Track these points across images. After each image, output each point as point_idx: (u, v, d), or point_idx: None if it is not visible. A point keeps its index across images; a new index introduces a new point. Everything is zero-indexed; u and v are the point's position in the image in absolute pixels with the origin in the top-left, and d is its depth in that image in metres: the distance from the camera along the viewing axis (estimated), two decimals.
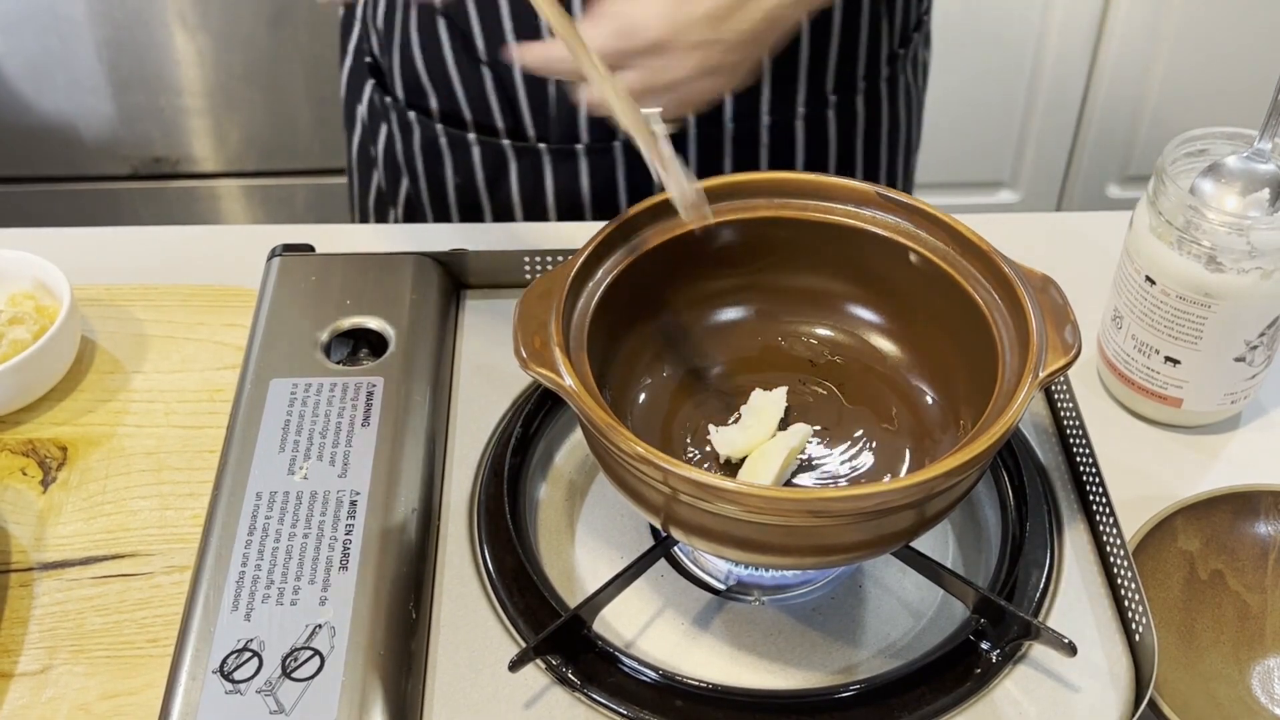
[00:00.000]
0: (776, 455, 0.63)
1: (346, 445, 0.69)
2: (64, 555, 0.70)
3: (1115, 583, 0.65)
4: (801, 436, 0.65)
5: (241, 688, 0.58)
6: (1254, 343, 0.73)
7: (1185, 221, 0.70)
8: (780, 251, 0.69)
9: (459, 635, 0.63)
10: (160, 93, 1.86)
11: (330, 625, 0.61)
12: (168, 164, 1.95)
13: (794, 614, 0.65)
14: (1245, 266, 0.69)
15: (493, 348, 0.78)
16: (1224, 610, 0.68)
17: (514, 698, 0.61)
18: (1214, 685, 0.65)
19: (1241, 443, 0.77)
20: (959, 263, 0.65)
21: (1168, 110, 1.90)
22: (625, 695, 0.60)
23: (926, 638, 0.64)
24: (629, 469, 0.57)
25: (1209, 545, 0.69)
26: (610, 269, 0.65)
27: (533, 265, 0.81)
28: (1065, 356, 0.59)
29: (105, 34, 1.79)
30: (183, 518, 0.72)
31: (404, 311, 0.77)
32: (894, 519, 0.57)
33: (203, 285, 0.85)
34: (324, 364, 0.74)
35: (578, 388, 0.57)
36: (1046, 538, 0.67)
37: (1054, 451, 0.73)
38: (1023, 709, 0.60)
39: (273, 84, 1.86)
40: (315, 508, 0.66)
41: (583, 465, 0.72)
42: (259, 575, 0.63)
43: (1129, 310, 0.75)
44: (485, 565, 0.66)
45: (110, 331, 0.82)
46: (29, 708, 0.63)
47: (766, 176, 0.68)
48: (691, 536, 0.59)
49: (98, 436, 0.76)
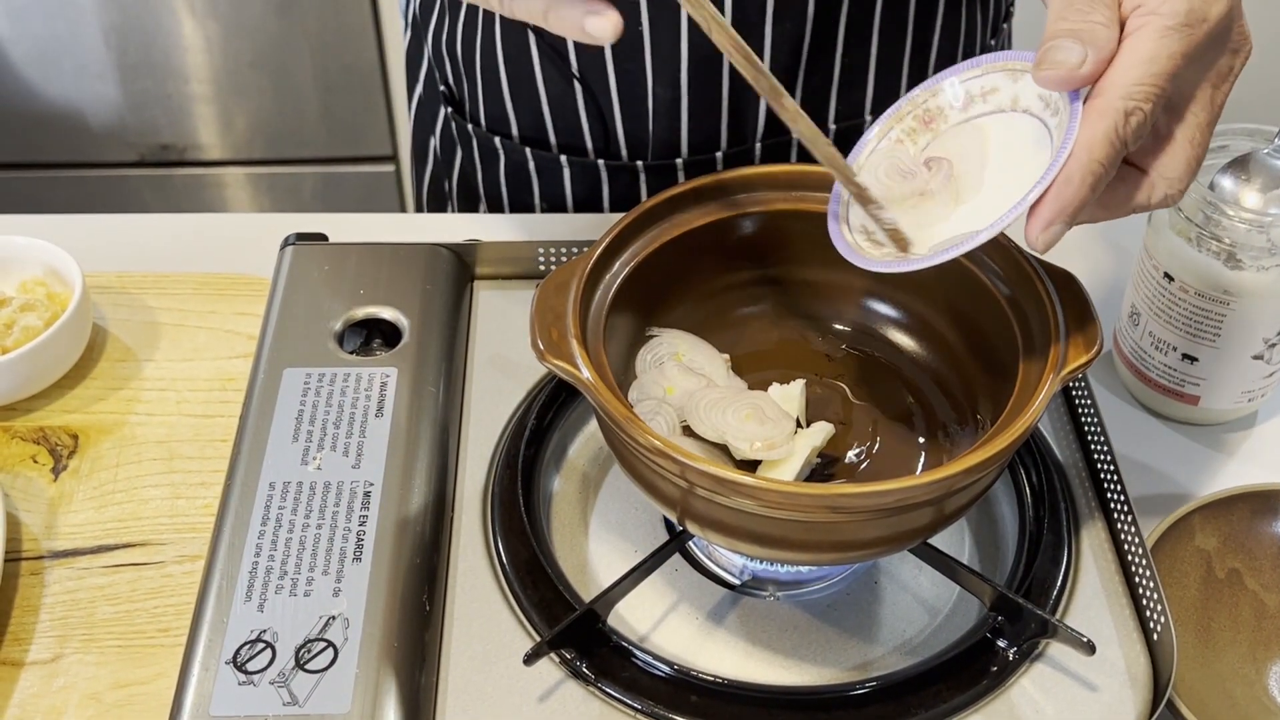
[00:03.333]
0: (797, 453, 0.63)
1: (360, 435, 0.68)
2: (75, 544, 0.69)
3: (1133, 581, 0.65)
4: (824, 435, 0.65)
5: (255, 679, 0.58)
6: (1273, 341, 0.72)
7: (1205, 218, 0.69)
8: (798, 245, 0.69)
9: (473, 628, 0.63)
10: (167, 80, 1.86)
11: (344, 617, 0.60)
12: (175, 151, 1.94)
13: (809, 610, 0.65)
14: (1265, 264, 0.68)
15: (506, 339, 0.78)
16: (1241, 609, 0.67)
17: (528, 691, 0.60)
18: (1231, 685, 0.65)
19: (1259, 441, 0.77)
20: (979, 257, 0.65)
21: None
22: (639, 690, 0.60)
23: (942, 635, 0.64)
24: (645, 462, 0.57)
25: (1226, 544, 0.69)
26: (627, 261, 0.65)
27: (547, 256, 0.81)
28: (1087, 353, 0.59)
29: (113, 20, 1.79)
30: (194, 507, 0.71)
31: (418, 301, 0.76)
32: (912, 516, 0.57)
33: (215, 273, 0.85)
34: (337, 354, 0.73)
35: (595, 380, 0.57)
36: (1064, 535, 0.67)
37: (1072, 449, 0.72)
38: (1040, 707, 0.60)
39: (280, 72, 1.86)
40: (329, 498, 0.65)
41: (597, 457, 0.72)
42: (272, 566, 0.62)
43: (1147, 307, 0.74)
44: (499, 558, 0.66)
45: (122, 319, 0.82)
46: (40, 696, 0.63)
47: (785, 169, 0.67)
48: (707, 531, 0.59)
49: (109, 424, 0.76)
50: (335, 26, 1.81)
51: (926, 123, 0.61)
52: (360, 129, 1.93)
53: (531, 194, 0.95)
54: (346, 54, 1.84)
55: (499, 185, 0.96)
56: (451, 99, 0.97)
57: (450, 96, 0.97)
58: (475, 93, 0.93)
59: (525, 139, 0.92)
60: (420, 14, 0.97)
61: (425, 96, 1.01)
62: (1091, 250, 0.89)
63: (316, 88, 1.87)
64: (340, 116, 1.91)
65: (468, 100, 0.94)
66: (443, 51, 0.95)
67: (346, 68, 1.85)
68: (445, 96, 0.97)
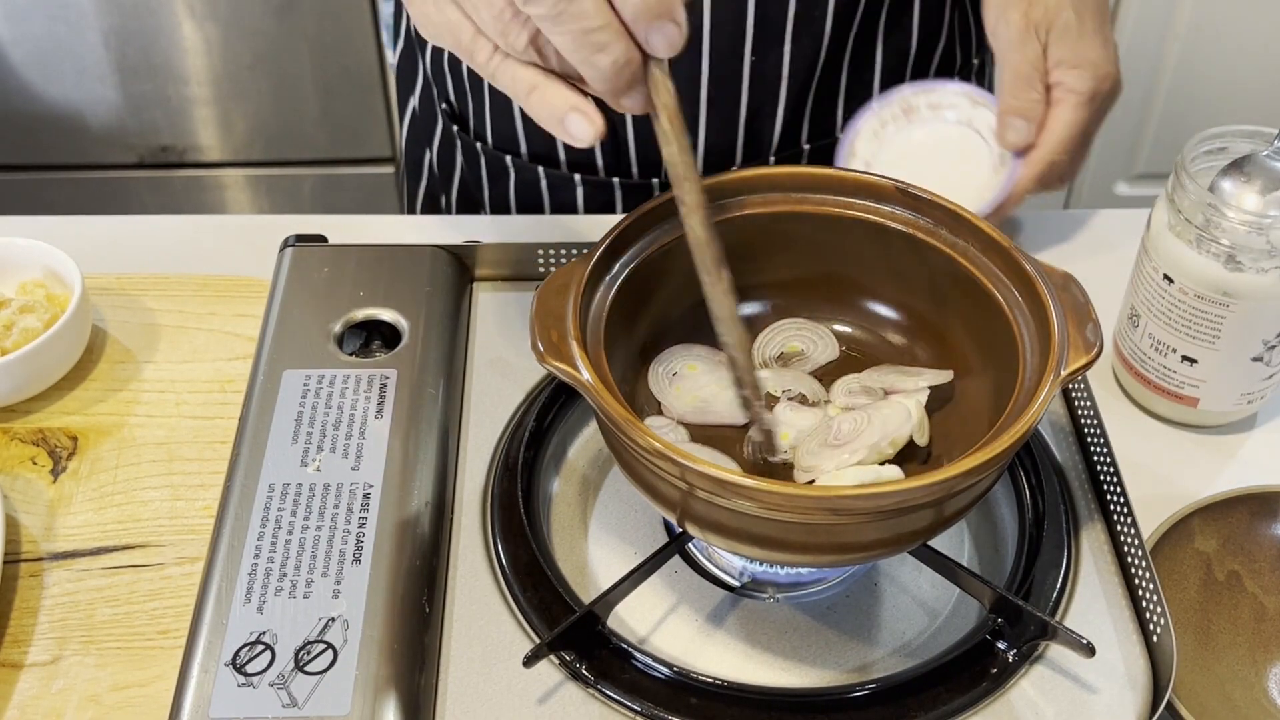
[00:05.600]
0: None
1: (360, 437, 0.68)
2: (74, 545, 0.69)
3: (1133, 583, 0.65)
4: None
5: (254, 680, 0.58)
6: (1272, 343, 0.72)
7: (1204, 220, 0.69)
8: (798, 247, 0.69)
9: (472, 629, 0.63)
10: (167, 82, 1.86)
11: (343, 618, 0.60)
12: (174, 153, 1.94)
13: (809, 612, 0.65)
14: (1265, 266, 0.68)
15: (506, 340, 0.78)
16: (1240, 612, 0.67)
17: (527, 693, 0.60)
18: (1230, 687, 0.65)
19: (1258, 443, 0.77)
20: (979, 259, 0.65)
21: (1177, 108, 1.90)
22: (639, 692, 0.60)
23: (942, 637, 0.64)
24: (645, 464, 0.57)
25: (1226, 546, 0.68)
26: (628, 263, 0.65)
27: (546, 258, 0.81)
28: (1087, 355, 0.59)
29: (113, 22, 1.79)
30: (194, 509, 0.71)
31: (417, 303, 0.76)
32: (912, 518, 0.57)
33: (214, 275, 0.85)
34: (337, 355, 0.73)
35: (595, 382, 0.57)
36: (1063, 537, 0.67)
37: (1071, 451, 0.72)
38: (1039, 709, 0.60)
39: (280, 74, 1.86)
40: (328, 500, 0.65)
41: (596, 459, 0.72)
42: (271, 568, 0.62)
43: (1146, 309, 0.74)
44: (498, 559, 0.66)
45: (121, 321, 0.82)
46: (39, 698, 0.63)
47: (785, 171, 0.68)
48: (707, 533, 0.59)
49: (108, 426, 0.76)
50: (335, 28, 1.81)
51: (907, 112, 0.82)
52: (360, 131, 1.93)
53: (543, 209, 0.95)
54: (346, 56, 1.84)
55: (507, 200, 0.96)
56: (454, 116, 0.96)
57: (452, 114, 0.96)
58: (481, 111, 0.92)
59: (535, 157, 0.92)
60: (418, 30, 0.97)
61: (421, 112, 1.00)
62: (1091, 252, 0.89)
63: (316, 89, 1.88)
64: (340, 118, 1.91)
65: (473, 118, 0.94)
66: (444, 70, 0.94)
67: (346, 70, 1.85)
68: (447, 114, 0.96)
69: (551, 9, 0.52)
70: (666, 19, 0.53)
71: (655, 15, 0.53)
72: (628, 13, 0.53)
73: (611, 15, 0.53)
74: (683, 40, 0.55)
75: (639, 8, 0.53)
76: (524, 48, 0.55)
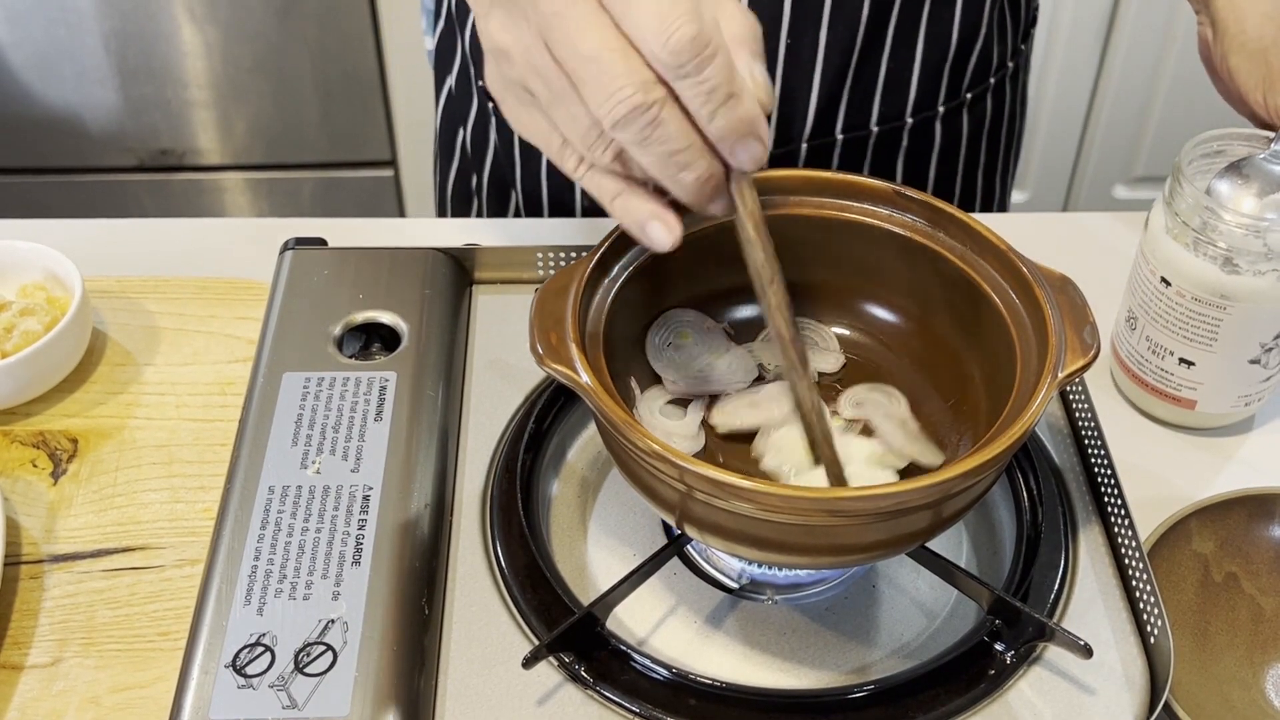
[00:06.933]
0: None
1: (359, 440, 0.69)
2: (74, 548, 0.69)
3: (1130, 585, 0.65)
4: None
5: (254, 682, 0.58)
6: (1269, 345, 0.72)
7: (1202, 223, 0.69)
8: (796, 249, 0.69)
9: (472, 631, 0.63)
10: (167, 85, 1.86)
11: (343, 620, 0.61)
12: (174, 156, 1.95)
13: (807, 613, 0.65)
14: (1262, 268, 0.69)
15: (505, 343, 0.78)
16: (1238, 613, 0.67)
17: (527, 694, 0.60)
18: (1228, 688, 0.65)
19: (1255, 445, 0.77)
20: (976, 262, 0.65)
21: (1175, 111, 1.90)
22: (638, 693, 0.60)
23: (940, 638, 0.64)
24: (644, 466, 0.57)
25: (1223, 548, 0.69)
26: (626, 265, 0.65)
27: (545, 261, 0.81)
28: (1084, 357, 0.59)
29: (112, 25, 1.79)
30: (194, 511, 0.71)
31: (417, 306, 0.76)
32: (911, 519, 0.57)
33: (214, 278, 0.85)
34: (336, 358, 0.73)
35: (594, 384, 0.57)
36: (1061, 539, 0.67)
37: (1069, 453, 0.72)
38: (1037, 711, 0.60)
39: (280, 77, 1.86)
40: (328, 502, 0.65)
41: (595, 461, 0.72)
42: (271, 569, 0.63)
43: (1143, 311, 0.75)
44: (498, 561, 0.66)
45: (121, 323, 0.82)
46: (39, 700, 0.63)
47: (781, 174, 0.68)
48: (706, 534, 0.59)
49: (108, 429, 0.76)
50: (335, 32, 1.81)
51: None
52: (359, 134, 1.93)
53: (573, 190, 0.95)
54: (346, 59, 1.84)
55: (539, 179, 0.96)
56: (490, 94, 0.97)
57: (488, 92, 0.97)
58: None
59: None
60: (457, 8, 0.97)
61: (457, 91, 1.01)
62: (1088, 254, 0.89)
63: (316, 93, 1.88)
64: (340, 122, 1.92)
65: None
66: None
67: (346, 73, 1.86)
68: (483, 91, 0.97)
69: (638, 135, 0.53)
70: (751, 137, 0.55)
71: (741, 135, 0.54)
72: (713, 133, 0.54)
73: (695, 135, 0.54)
74: (766, 155, 0.56)
75: (724, 129, 0.54)
76: (610, 162, 0.56)
